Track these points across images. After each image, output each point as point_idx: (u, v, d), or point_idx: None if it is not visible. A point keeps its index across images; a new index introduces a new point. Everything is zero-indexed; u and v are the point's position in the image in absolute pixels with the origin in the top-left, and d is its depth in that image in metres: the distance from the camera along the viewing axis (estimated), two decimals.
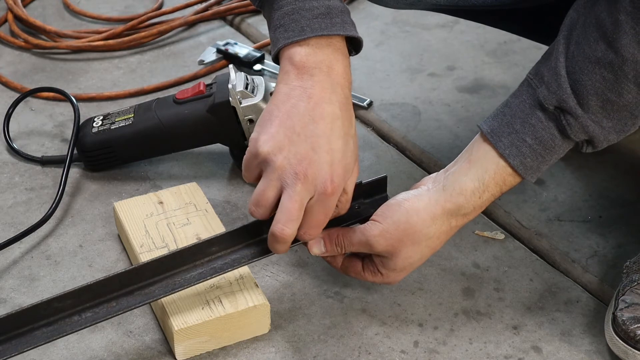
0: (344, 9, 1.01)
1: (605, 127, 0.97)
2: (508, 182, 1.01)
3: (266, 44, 1.62)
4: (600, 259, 1.18)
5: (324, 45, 0.99)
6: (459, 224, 1.03)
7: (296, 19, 0.98)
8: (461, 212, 1.02)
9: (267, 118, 0.99)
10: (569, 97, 0.95)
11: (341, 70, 0.99)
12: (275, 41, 1.00)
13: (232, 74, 1.26)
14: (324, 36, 0.99)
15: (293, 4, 0.99)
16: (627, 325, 1.01)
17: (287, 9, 0.99)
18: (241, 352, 1.06)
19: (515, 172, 1.00)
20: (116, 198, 1.27)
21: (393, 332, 1.08)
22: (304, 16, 0.98)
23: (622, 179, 1.30)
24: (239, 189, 1.30)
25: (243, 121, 1.27)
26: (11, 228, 1.24)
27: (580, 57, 0.95)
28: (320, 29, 0.98)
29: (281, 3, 1.00)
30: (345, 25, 1.00)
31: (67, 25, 1.70)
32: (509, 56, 1.59)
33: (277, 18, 1.00)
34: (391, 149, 1.39)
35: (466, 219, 1.03)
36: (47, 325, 0.98)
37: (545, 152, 0.99)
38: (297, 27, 0.98)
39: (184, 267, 1.03)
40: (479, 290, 1.14)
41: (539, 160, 1.00)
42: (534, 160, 0.99)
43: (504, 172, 1.00)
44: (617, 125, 0.98)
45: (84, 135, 1.31)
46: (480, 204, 1.02)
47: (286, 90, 0.98)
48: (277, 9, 1.00)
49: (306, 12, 0.98)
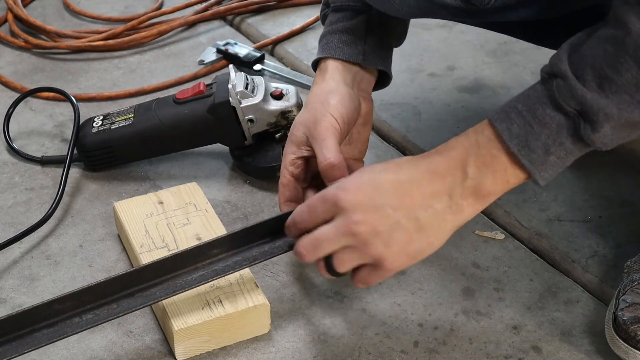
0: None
1: (601, 101, 0.89)
2: (494, 151, 0.92)
3: (266, 44, 1.62)
4: (600, 259, 1.18)
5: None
6: (436, 186, 0.94)
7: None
8: (433, 163, 0.95)
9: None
10: (562, 63, 0.90)
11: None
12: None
13: (232, 74, 1.26)
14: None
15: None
16: (627, 325, 1.01)
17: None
18: (241, 352, 1.06)
19: (501, 139, 0.92)
20: (116, 198, 1.28)
21: (393, 332, 1.08)
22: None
23: (622, 179, 1.30)
24: (239, 189, 1.30)
25: (243, 121, 1.27)
26: (11, 228, 1.24)
27: (584, 35, 0.92)
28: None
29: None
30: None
31: (67, 25, 1.70)
32: (509, 56, 1.59)
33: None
34: (391, 149, 1.39)
35: (444, 181, 0.94)
36: (48, 327, 0.98)
37: (534, 122, 0.91)
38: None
39: (185, 269, 1.03)
40: (479, 290, 1.14)
41: (526, 129, 0.91)
42: (521, 129, 0.91)
43: (489, 138, 0.93)
44: (617, 104, 0.89)
45: (84, 135, 1.31)
46: (457, 160, 0.94)
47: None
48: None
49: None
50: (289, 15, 1.71)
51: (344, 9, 1.15)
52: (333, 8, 1.17)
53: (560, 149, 0.91)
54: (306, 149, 1.09)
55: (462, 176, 0.94)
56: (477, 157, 0.93)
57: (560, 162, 0.93)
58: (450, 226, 0.96)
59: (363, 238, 0.94)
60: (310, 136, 1.08)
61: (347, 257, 0.96)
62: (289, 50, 1.62)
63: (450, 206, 0.95)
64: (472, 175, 0.93)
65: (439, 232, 0.96)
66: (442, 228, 0.96)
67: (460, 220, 0.96)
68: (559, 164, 0.93)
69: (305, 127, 1.09)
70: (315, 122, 1.08)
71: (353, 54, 1.13)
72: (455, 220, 0.96)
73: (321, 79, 1.13)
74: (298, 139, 1.09)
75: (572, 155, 0.93)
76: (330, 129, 1.07)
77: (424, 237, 0.96)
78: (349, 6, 1.15)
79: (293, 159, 1.09)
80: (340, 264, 0.97)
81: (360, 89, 1.15)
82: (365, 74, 1.15)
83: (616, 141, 0.92)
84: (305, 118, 1.09)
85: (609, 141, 0.91)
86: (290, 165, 1.09)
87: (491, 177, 0.93)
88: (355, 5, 1.15)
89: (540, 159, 0.92)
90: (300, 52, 1.61)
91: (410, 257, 0.97)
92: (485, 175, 0.93)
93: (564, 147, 0.91)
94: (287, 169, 1.10)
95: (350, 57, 1.13)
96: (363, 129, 1.16)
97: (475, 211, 0.96)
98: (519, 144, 0.91)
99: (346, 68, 1.14)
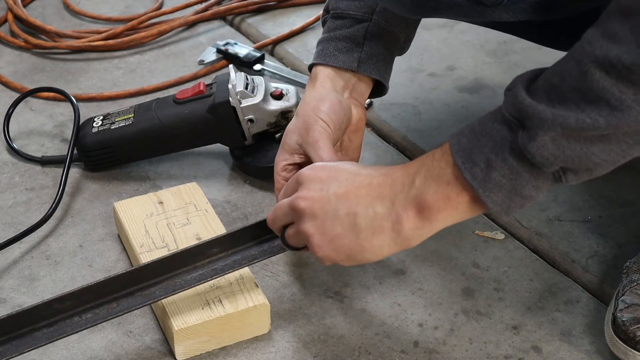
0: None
1: (539, 106, 0.84)
2: (442, 164, 0.90)
3: (266, 44, 1.62)
4: (600, 259, 1.18)
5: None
6: (384, 189, 0.93)
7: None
8: (391, 170, 0.94)
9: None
10: (520, 77, 0.88)
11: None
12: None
13: (232, 74, 1.26)
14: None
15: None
16: (627, 326, 1.01)
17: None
18: (241, 352, 1.06)
19: (451, 152, 0.89)
20: (116, 198, 1.28)
21: (393, 332, 1.08)
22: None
23: (622, 179, 1.29)
24: (239, 189, 1.30)
25: (243, 121, 1.27)
26: (11, 228, 1.24)
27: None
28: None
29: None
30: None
31: (67, 25, 1.70)
32: (509, 56, 1.59)
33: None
34: (391, 149, 1.39)
35: (393, 186, 0.93)
36: (48, 326, 0.98)
37: (481, 135, 0.88)
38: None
39: (185, 268, 1.03)
40: (479, 290, 1.14)
41: (473, 142, 0.88)
42: (469, 142, 0.88)
43: (443, 152, 0.90)
44: (554, 110, 0.84)
45: (84, 135, 1.31)
46: (411, 170, 0.92)
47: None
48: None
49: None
50: (289, 15, 1.71)
51: (344, 17, 1.16)
52: (333, 15, 1.17)
53: (504, 165, 0.86)
54: (299, 157, 1.10)
55: (409, 185, 0.92)
56: (428, 169, 0.91)
57: (508, 183, 0.87)
58: (388, 238, 0.93)
59: (300, 213, 0.96)
60: (304, 142, 1.09)
61: (291, 231, 0.99)
62: (289, 50, 1.62)
63: (390, 214, 0.93)
64: (417, 185, 0.91)
65: (373, 240, 0.94)
66: (377, 236, 0.93)
67: (398, 236, 0.93)
68: (506, 186, 0.87)
69: (297, 134, 1.10)
70: (307, 128, 1.09)
71: (347, 62, 1.14)
72: (393, 233, 0.93)
73: (312, 86, 1.14)
74: (290, 146, 1.11)
75: (520, 177, 0.87)
76: (323, 133, 1.08)
77: (355, 236, 0.94)
78: (349, 15, 1.15)
79: (284, 165, 1.11)
80: (288, 236, 1.00)
81: (352, 96, 1.15)
82: (359, 82, 1.15)
83: (562, 159, 0.85)
84: (297, 125, 1.11)
85: (552, 157, 0.85)
86: (283, 171, 1.11)
87: (434, 189, 0.90)
88: (356, 14, 1.15)
89: (483, 174, 0.87)
90: (300, 52, 1.61)
91: (336, 252, 0.96)
92: (429, 187, 0.90)
93: (508, 164, 0.86)
94: (279, 175, 1.11)
95: (344, 64, 1.14)
96: (354, 135, 1.16)
97: (416, 229, 0.92)
98: (463, 156, 0.88)
99: (338, 75, 1.14)
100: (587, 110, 0.82)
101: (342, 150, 1.16)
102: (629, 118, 0.81)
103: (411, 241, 0.93)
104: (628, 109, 0.81)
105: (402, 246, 0.94)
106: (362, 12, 1.15)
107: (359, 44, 1.14)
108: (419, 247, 0.96)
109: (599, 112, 0.81)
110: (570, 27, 1.08)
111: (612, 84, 0.80)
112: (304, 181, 0.98)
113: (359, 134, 1.17)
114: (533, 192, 0.88)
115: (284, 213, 0.99)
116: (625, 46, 0.79)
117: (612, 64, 0.80)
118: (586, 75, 0.82)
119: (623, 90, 0.80)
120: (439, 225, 0.92)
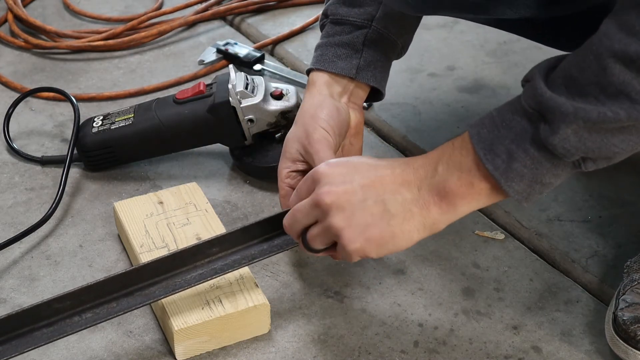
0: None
1: (559, 99, 0.86)
2: (464, 153, 0.92)
3: (266, 44, 1.62)
4: (600, 259, 1.18)
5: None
6: (408, 176, 0.95)
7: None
8: (411, 160, 0.96)
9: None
10: (538, 67, 0.89)
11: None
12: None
13: (232, 74, 1.26)
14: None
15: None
16: (627, 325, 1.01)
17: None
18: (241, 352, 1.06)
19: (472, 143, 0.91)
20: (116, 198, 1.28)
21: (393, 332, 1.08)
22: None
23: (622, 179, 1.30)
24: (239, 189, 1.30)
25: (243, 121, 1.27)
26: (11, 228, 1.24)
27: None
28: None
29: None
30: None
31: (67, 25, 1.70)
32: (509, 56, 1.59)
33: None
34: (391, 149, 1.39)
35: (416, 173, 0.95)
36: (48, 326, 0.98)
37: (502, 126, 0.90)
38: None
39: (184, 267, 1.03)
40: (479, 290, 1.14)
41: (494, 133, 0.90)
42: (489, 133, 0.90)
43: (463, 142, 0.93)
44: (575, 103, 0.85)
45: (84, 135, 1.31)
46: (432, 159, 0.94)
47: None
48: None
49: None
50: (289, 15, 1.71)
51: (343, 23, 1.16)
52: (332, 20, 1.17)
53: (525, 156, 0.89)
54: (301, 164, 1.11)
55: (432, 172, 0.94)
56: (450, 157, 0.93)
57: (529, 172, 0.89)
58: (418, 223, 0.95)
59: (326, 209, 0.95)
60: (305, 150, 1.10)
61: (316, 230, 0.98)
62: (289, 50, 1.62)
63: (417, 199, 0.94)
64: (440, 173, 0.93)
65: (404, 225, 0.95)
66: (408, 221, 0.95)
67: (427, 220, 0.95)
68: (527, 175, 0.89)
69: (298, 142, 1.11)
70: (307, 136, 1.10)
71: (346, 68, 1.15)
72: (422, 217, 0.94)
73: (310, 93, 1.15)
74: (292, 155, 1.11)
75: (541, 167, 0.89)
76: (323, 141, 1.09)
77: (387, 224, 0.95)
78: (348, 21, 1.16)
79: (288, 172, 1.11)
80: (311, 238, 0.98)
81: (350, 100, 1.16)
82: (357, 88, 1.17)
83: (583, 150, 0.87)
84: (298, 134, 1.11)
85: (573, 148, 0.87)
86: (287, 178, 1.11)
87: (457, 176, 0.92)
88: (355, 21, 1.15)
89: (505, 165, 0.89)
90: (300, 52, 1.61)
91: (369, 242, 0.95)
92: (452, 174, 0.93)
93: (529, 155, 0.89)
94: (283, 182, 1.11)
95: (342, 70, 1.15)
96: (355, 139, 1.17)
97: (442, 214, 0.94)
98: (484, 147, 0.90)
99: (336, 81, 1.15)
100: (607, 104, 0.84)
101: (344, 154, 1.16)
102: None
103: (439, 225, 0.96)
104: None
105: (431, 230, 0.96)
106: (361, 18, 1.15)
107: (357, 50, 1.15)
108: (419, 247, 0.96)
109: (620, 105, 0.83)
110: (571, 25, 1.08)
111: (633, 77, 0.82)
112: (321, 178, 0.97)
113: (359, 136, 1.18)
114: (553, 179, 0.90)
115: (305, 213, 0.98)
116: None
117: (632, 59, 0.82)
118: (606, 70, 0.83)
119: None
120: (463, 210, 0.94)
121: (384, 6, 1.15)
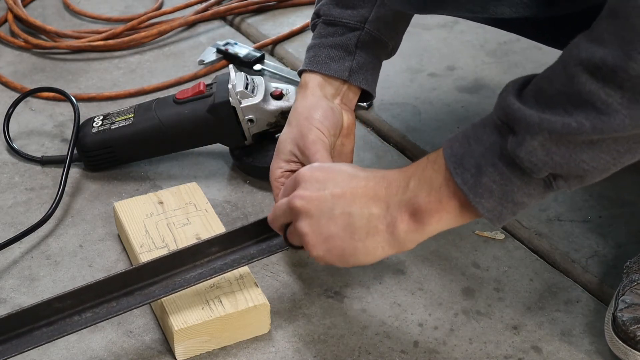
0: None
1: (526, 110, 0.83)
2: (436, 168, 0.90)
3: (266, 44, 1.62)
4: (600, 259, 1.18)
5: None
6: (380, 190, 0.93)
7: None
8: (388, 173, 0.94)
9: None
10: (513, 82, 0.87)
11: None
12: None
13: (232, 74, 1.26)
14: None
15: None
16: (627, 326, 1.01)
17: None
18: (241, 352, 1.06)
19: (444, 157, 0.89)
20: (116, 198, 1.28)
21: (393, 332, 1.08)
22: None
23: (622, 179, 1.29)
24: (239, 189, 1.30)
25: (243, 121, 1.27)
26: (11, 228, 1.24)
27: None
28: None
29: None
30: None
31: (67, 25, 1.70)
32: (509, 56, 1.59)
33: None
34: (391, 149, 1.39)
35: (388, 189, 0.93)
36: (48, 325, 0.98)
37: (472, 140, 0.88)
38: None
39: (184, 267, 1.03)
40: (479, 290, 1.14)
41: (464, 147, 0.88)
42: (461, 147, 0.88)
43: (437, 157, 0.91)
44: (541, 114, 0.82)
45: (84, 135, 1.31)
46: (407, 174, 0.93)
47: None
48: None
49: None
50: (289, 15, 1.71)
51: (336, 24, 1.16)
52: (324, 21, 1.17)
53: (494, 170, 0.86)
54: (294, 165, 1.12)
55: (404, 188, 0.93)
56: (422, 172, 0.92)
57: (499, 189, 0.86)
58: (382, 240, 0.93)
59: (296, 212, 0.97)
60: (301, 151, 1.10)
61: (292, 229, 1.00)
62: (289, 50, 1.62)
63: (385, 215, 0.93)
64: (411, 188, 0.92)
65: (367, 240, 0.94)
66: (372, 237, 0.94)
67: (392, 238, 0.93)
68: (497, 191, 0.87)
69: (293, 143, 1.11)
70: (302, 137, 1.10)
71: (339, 71, 1.16)
72: (388, 235, 0.93)
73: (302, 95, 1.16)
74: (286, 155, 1.12)
75: (510, 183, 0.86)
76: (318, 142, 1.10)
77: (349, 236, 0.94)
78: (341, 22, 1.16)
79: (281, 172, 1.12)
80: (289, 234, 1.01)
81: (342, 101, 1.17)
82: (349, 89, 1.17)
83: (551, 165, 0.84)
84: (292, 134, 1.12)
85: (540, 162, 0.84)
86: (280, 178, 1.12)
87: (426, 192, 0.91)
88: (348, 23, 1.16)
89: (473, 179, 0.87)
90: (300, 52, 1.61)
91: (330, 252, 0.96)
92: (422, 190, 0.91)
93: (497, 169, 0.86)
94: (277, 182, 1.12)
95: (335, 73, 1.16)
96: (347, 140, 1.18)
97: (409, 232, 0.92)
98: (455, 161, 0.88)
99: (329, 82, 1.16)
100: (574, 114, 0.81)
101: (336, 155, 1.17)
102: (615, 122, 0.80)
103: (406, 244, 0.94)
104: (614, 113, 0.79)
105: (397, 249, 0.94)
106: (354, 20, 1.15)
107: (350, 52, 1.16)
108: (419, 247, 0.96)
109: (586, 115, 0.80)
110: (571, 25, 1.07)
111: (599, 87, 0.79)
112: (301, 181, 0.98)
113: (351, 137, 1.19)
114: (525, 198, 0.87)
115: (282, 212, 1.00)
116: (610, 48, 0.78)
117: (598, 66, 0.79)
118: (573, 79, 0.81)
119: (609, 93, 0.79)
120: (432, 229, 0.92)
121: (379, 7, 1.15)
